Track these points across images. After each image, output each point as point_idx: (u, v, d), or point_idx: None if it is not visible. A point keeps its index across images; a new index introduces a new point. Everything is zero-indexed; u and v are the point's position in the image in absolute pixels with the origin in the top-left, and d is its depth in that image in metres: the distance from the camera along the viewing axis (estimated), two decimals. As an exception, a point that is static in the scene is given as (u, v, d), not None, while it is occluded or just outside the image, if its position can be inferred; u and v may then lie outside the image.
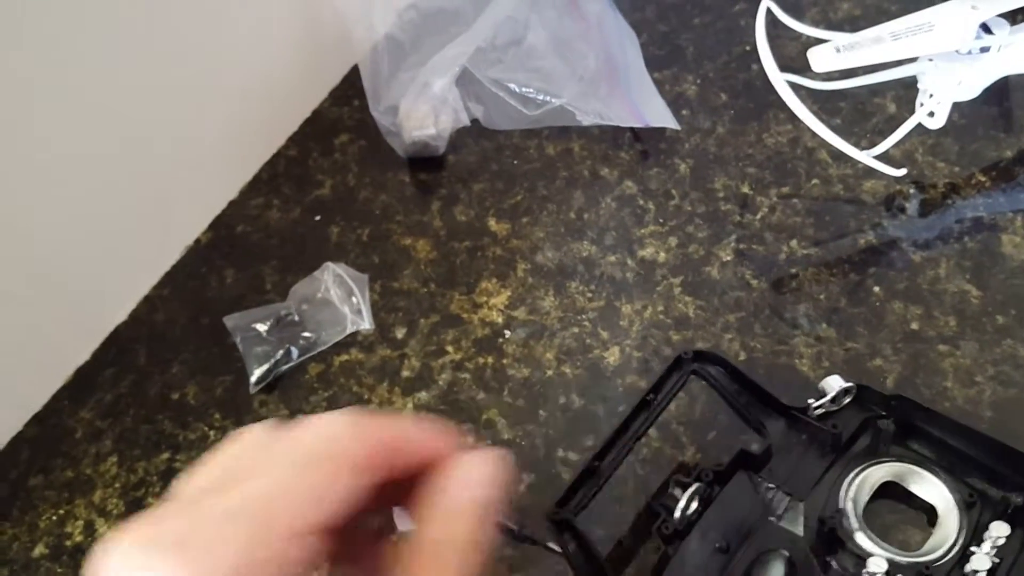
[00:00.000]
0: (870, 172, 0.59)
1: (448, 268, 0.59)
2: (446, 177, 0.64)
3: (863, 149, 0.56)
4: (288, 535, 0.23)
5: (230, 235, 0.63)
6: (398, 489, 0.27)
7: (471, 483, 0.27)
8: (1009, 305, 0.52)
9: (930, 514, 0.44)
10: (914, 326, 0.52)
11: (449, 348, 0.55)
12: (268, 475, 0.24)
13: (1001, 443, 0.42)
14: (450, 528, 0.27)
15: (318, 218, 0.63)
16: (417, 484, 0.27)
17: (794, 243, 0.57)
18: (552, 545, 0.46)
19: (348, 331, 0.56)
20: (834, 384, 0.46)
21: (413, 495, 0.27)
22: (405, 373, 0.54)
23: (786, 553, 0.43)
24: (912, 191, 0.58)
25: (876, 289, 0.54)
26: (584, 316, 0.55)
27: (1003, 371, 0.49)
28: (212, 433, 0.53)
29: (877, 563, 0.41)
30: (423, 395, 0.53)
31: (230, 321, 0.56)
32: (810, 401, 0.45)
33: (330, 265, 0.58)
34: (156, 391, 0.55)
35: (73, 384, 0.56)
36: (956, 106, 0.55)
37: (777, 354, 0.52)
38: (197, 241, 0.63)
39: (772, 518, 0.45)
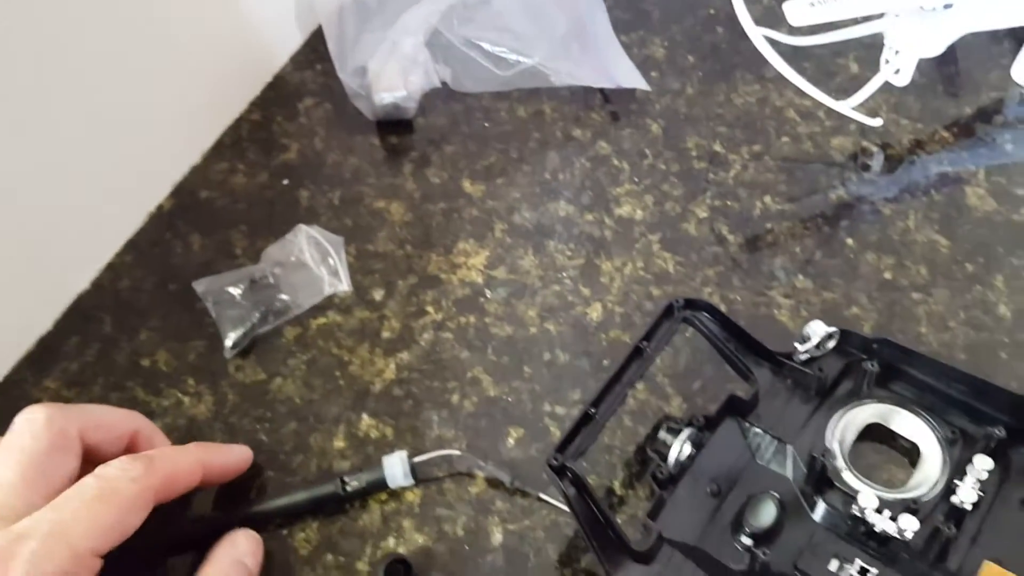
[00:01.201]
0: (838, 129, 0.60)
1: (424, 230, 0.58)
2: (417, 140, 0.63)
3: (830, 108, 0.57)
4: (73, 556, 0.33)
5: (194, 201, 0.61)
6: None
7: (235, 551, 0.42)
8: (976, 253, 0.53)
9: (913, 454, 0.45)
10: (887, 275, 0.53)
11: (429, 309, 0.54)
12: (64, 506, 0.35)
13: (980, 379, 0.44)
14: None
15: (286, 182, 0.61)
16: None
17: (767, 199, 0.57)
18: (545, 496, 0.46)
19: (325, 293, 0.55)
20: (817, 329, 0.46)
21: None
22: (385, 334, 0.53)
23: (776, 494, 0.44)
24: (879, 147, 0.59)
25: (849, 241, 0.55)
26: (565, 274, 0.55)
27: (974, 316, 0.51)
28: (187, 399, 0.52)
29: (866, 499, 0.42)
30: (405, 356, 0.52)
31: (200, 286, 0.55)
32: (796, 345, 0.46)
33: (303, 227, 0.56)
34: (125, 359, 0.53)
35: (36, 354, 0.54)
36: (916, 65, 0.56)
37: (756, 305, 0.53)
38: (160, 207, 0.61)
39: (761, 462, 0.45)
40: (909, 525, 0.41)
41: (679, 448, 0.44)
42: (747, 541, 0.43)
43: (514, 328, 0.53)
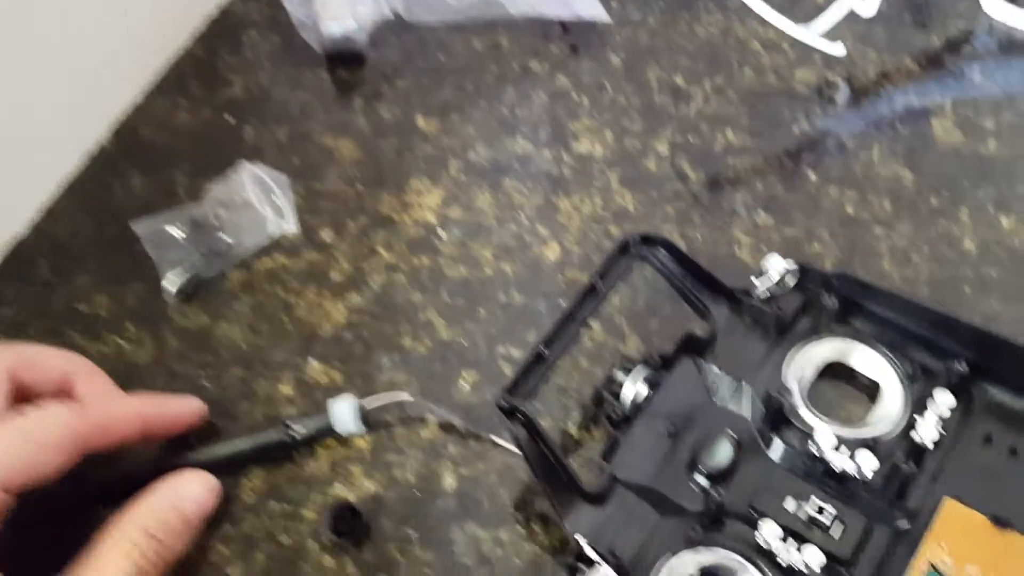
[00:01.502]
0: (803, 61, 0.58)
1: (375, 168, 0.56)
2: (368, 74, 0.60)
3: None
4: None
5: (135, 140, 0.59)
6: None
7: (176, 493, 0.39)
8: (941, 187, 0.52)
9: (873, 391, 0.44)
10: (850, 210, 0.52)
11: (381, 249, 0.52)
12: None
13: (942, 313, 0.43)
14: (140, 515, 0.38)
15: (231, 119, 0.59)
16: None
17: (729, 133, 0.56)
18: (497, 439, 0.45)
19: (270, 234, 0.52)
20: (776, 264, 0.45)
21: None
22: (335, 277, 0.51)
23: (732, 434, 0.43)
24: (844, 80, 0.58)
25: (812, 176, 0.53)
26: (521, 213, 0.53)
27: (938, 250, 0.50)
28: (127, 345, 0.50)
29: (824, 437, 0.41)
30: (355, 298, 0.51)
31: (139, 226, 0.52)
32: (753, 280, 0.45)
33: (247, 165, 0.54)
34: (62, 304, 0.51)
35: (-31, 301, 0.51)
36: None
37: (717, 243, 0.51)
38: (100, 148, 0.58)
39: (718, 401, 0.44)
40: (867, 463, 0.40)
41: (633, 387, 0.43)
42: (703, 481, 0.42)
43: (469, 269, 0.51)
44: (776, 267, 0.45)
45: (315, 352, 0.48)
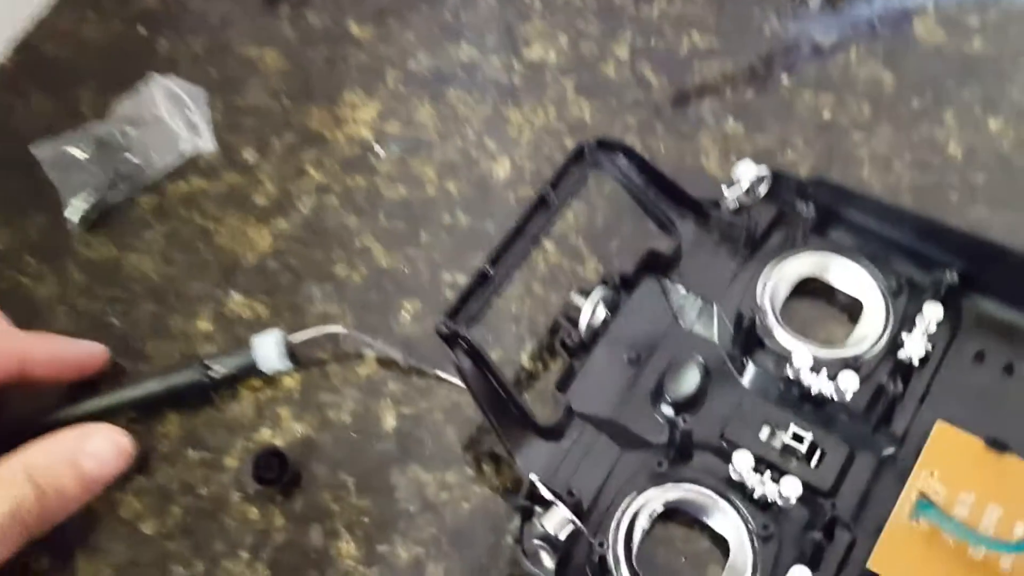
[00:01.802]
0: (775, -45, 0.53)
1: (303, 80, 0.50)
2: (296, -20, 0.54)
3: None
4: None
5: (38, 57, 0.52)
6: None
7: (75, 445, 0.35)
8: (924, 88, 0.48)
9: (853, 309, 0.40)
10: (826, 115, 0.47)
11: (310, 169, 0.47)
12: None
13: (929, 219, 0.39)
14: (31, 461, 0.34)
15: (143, 30, 0.53)
16: None
17: (695, 35, 0.51)
18: (442, 374, 0.40)
19: (185, 153, 0.47)
20: (746, 171, 0.41)
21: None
22: (259, 201, 0.46)
23: (700, 359, 0.39)
24: (819, -24, 0.52)
25: (784, 80, 0.49)
26: (467, 126, 0.48)
27: (920, 156, 0.46)
28: (27, 281, 0.44)
29: (801, 358, 0.37)
30: (283, 224, 0.45)
31: (40, 149, 0.47)
32: (723, 190, 0.40)
33: (158, 77, 0.48)
34: (-48, 238, 0.45)
35: None
36: None
37: (682, 154, 0.46)
38: (0, 67, 0.52)
39: (684, 325, 0.40)
40: (848, 384, 0.36)
41: (591, 310, 0.38)
42: (668, 411, 0.38)
43: (409, 189, 0.46)
44: (747, 174, 0.40)
45: (237, 284, 0.43)
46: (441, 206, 0.45)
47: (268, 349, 0.40)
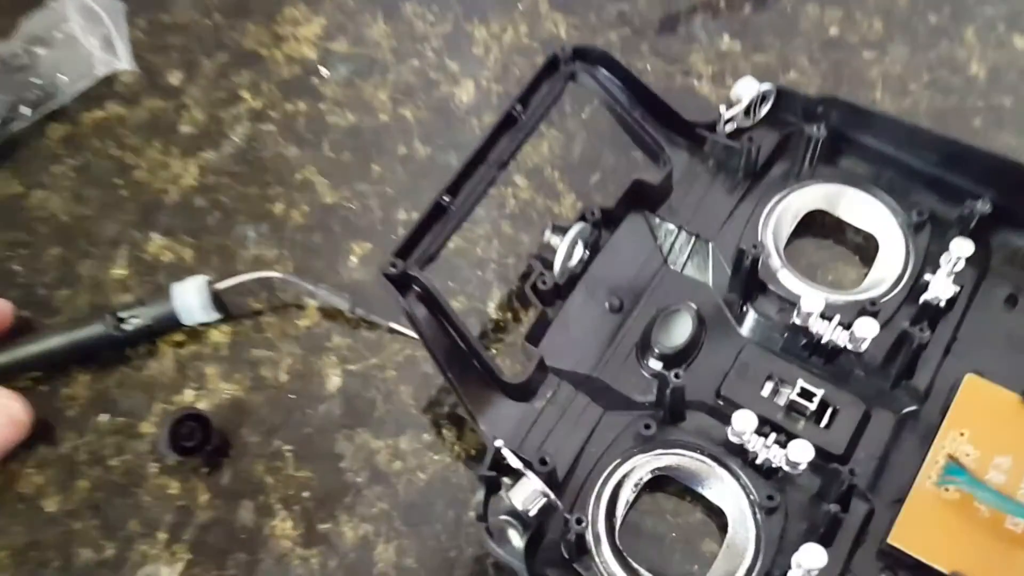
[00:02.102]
0: None
1: (238, -6, 0.44)
2: None
3: None
4: None
5: (-70, -29, 0.45)
6: None
7: None
8: (942, 3, 0.42)
9: (868, 249, 0.36)
10: (833, 31, 0.42)
11: (245, 94, 0.41)
12: None
13: (956, 142, 0.33)
14: None
15: (53, -60, 0.46)
16: None
17: (685, -57, 0.45)
18: (396, 325, 0.35)
19: (100, 76, 0.41)
20: (748, 88, 0.35)
21: None
22: (185, 129, 0.40)
23: (693, 305, 0.34)
24: None
25: (786, -8, 0.43)
26: (426, 45, 0.42)
27: (939, 77, 0.40)
28: (-87, 226, 0.38)
29: (810, 303, 0.32)
30: (211, 156, 0.40)
31: (-72, 73, 0.40)
32: (721, 110, 0.35)
33: (66, -12, 0.42)
34: None
35: None
36: None
37: (671, 75, 0.41)
38: None
39: (674, 267, 0.35)
40: (866, 332, 0.31)
41: (567, 251, 0.33)
42: (657, 366, 0.33)
43: (359, 116, 0.40)
44: (748, 92, 0.35)
45: (158, 224, 0.38)
46: (395, 135, 0.40)
47: (191, 298, 0.35)
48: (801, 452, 0.29)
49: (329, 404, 0.34)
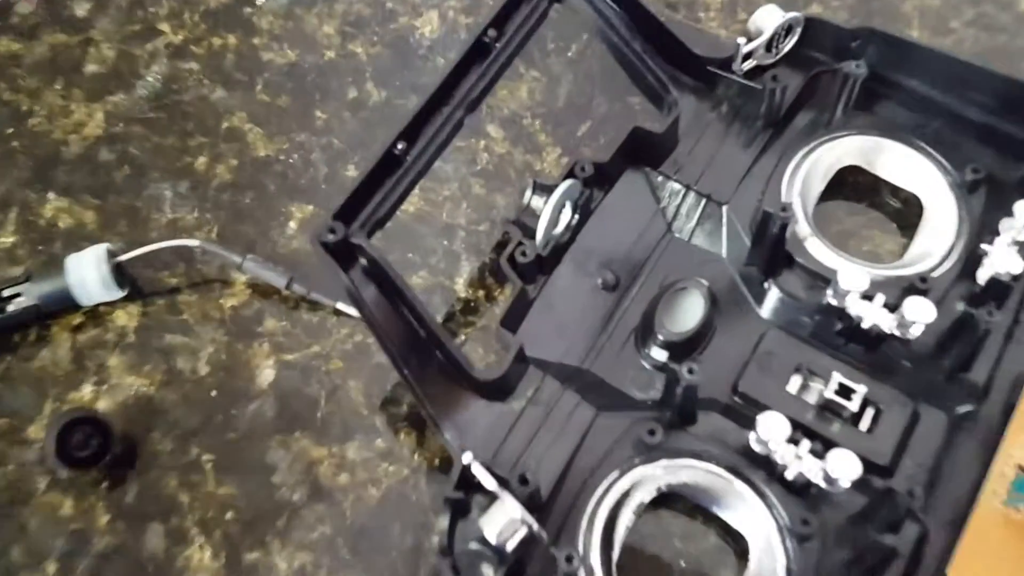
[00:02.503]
0: None
1: (156, -93, 0.37)
2: None
3: None
4: None
5: None
6: None
7: None
8: (987, -74, 0.36)
9: (908, 214, 0.30)
10: (863, -41, 0.36)
11: (164, 26, 0.35)
12: None
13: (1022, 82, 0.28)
14: None
15: None
16: None
17: None
18: (343, 306, 0.29)
19: (-18, 2, 0.34)
20: (770, 18, 0.29)
21: None
22: (92, 68, 0.35)
23: (704, 282, 0.28)
24: None
25: (806, -88, 0.37)
26: (380, -31, 0.36)
27: (984, 13, 0.35)
28: None
29: (850, 279, 0.26)
30: (121, 100, 0.34)
31: None
32: (739, 44, 0.28)
33: None
34: None
35: None
36: None
37: (674, 6, 0.35)
38: None
39: (680, 235, 0.29)
40: (919, 314, 0.25)
41: (552, 215, 0.27)
42: (660, 356, 0.28)
43: (300, 53, 0.35)
44: (770, 21, 0.29)
45: (55, 182, 0.34)
46: (344, 75, 0.35)
47: (89, 272, 0.29)
48: (844, 465, 0.24)
49: (260, 403, 0.29)
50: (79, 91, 0.34)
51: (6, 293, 0.29)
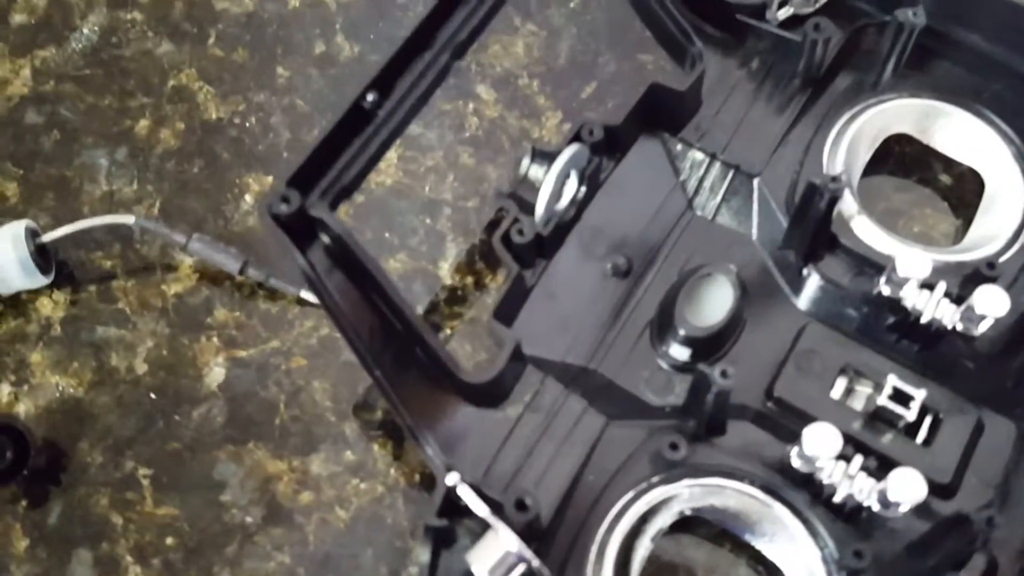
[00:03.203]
0: None
1: None
2: None
3: None
4: None
5: None
6: None
7: None
8: None
9: (964, 191, 0.27)
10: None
11: None
12: None
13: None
14: None
15: None
16: None
17: None
18: (307, 293, 0.25)
19: None
20: (812, -40, 0.25)
21: None
22: (18, 19, 0.33)
23: (732, 268, 0.24)
24: None
25: None
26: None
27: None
28: None
29: (908, 265, 0.22)
30: (51, 54, 0.31)
31: None
32: (772, -9, 0.25)
33: None
34: None
35: None
36: None
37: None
38: None
39: (702, 212, 0.26)
40: (991, 306, 0.22)
41: (554, 187, 0.23)
42: (680, 354, 0.24)
43: (260, 1, 0.31)
44: (810, -36, 0.25)
45: None
46: (311, 27, 0.32)
47: (4, 254, 0.24)
48: (908, 488, 0.20)
49: (208, 407, 0.26)
50: (2, 45, 0.31)
51: (-92, 278, 0.25)
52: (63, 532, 0.24)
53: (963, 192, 0.28)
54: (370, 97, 0.20)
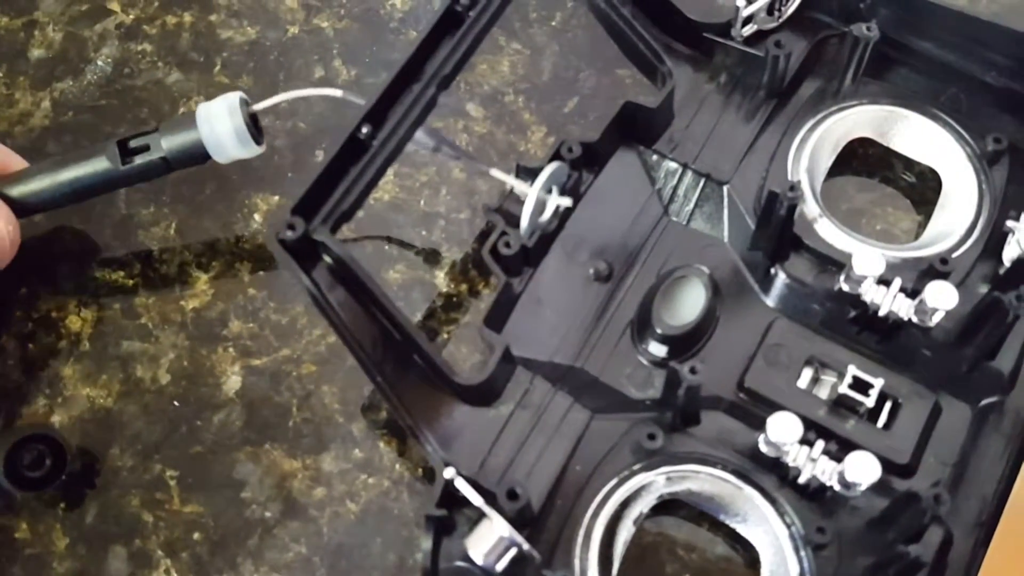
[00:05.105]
0: None
1: None
2: None
3: None
4: None
5: None
6: None
7: None
8: None
9: (925, 189, 0.28)
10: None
11: (114, 5, 0.33)
12: None
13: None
14: None
15: None
16: None
17: None
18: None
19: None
20: (773, -22, 0.27)
21: None
22: (37, 53, 0.33)
23: (705, 270, 0.26)
24: None
25: None
26: (347, -68, 0.33)
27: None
28: None
29: (865, 262, 0.24)
30: (69, 86, 0.32)
31: None
32: (737, 6, 0.26)
33: None
34: None
35: None
36: None
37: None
38: None
39: (677, 218, 0.27)
40: (942, 299, 0.23)
41: (538, 201, 0.24)
42: (659, 351, 0.26)
43: (261, 29, 0.34)
44: (771, -19, 0.26)
45: None
46: (310, 52, 0.33)
47: (221, 123, 0.25)
48: (863, 469, 0.22)
49: (226, 413, 0.27)
50: (24, 78, 0.32)
51: (133, 144, 0.25)
52: (99, 530, 0.25)
53: (924, 190, 0.29)
54: (365, 129, 0.22)
